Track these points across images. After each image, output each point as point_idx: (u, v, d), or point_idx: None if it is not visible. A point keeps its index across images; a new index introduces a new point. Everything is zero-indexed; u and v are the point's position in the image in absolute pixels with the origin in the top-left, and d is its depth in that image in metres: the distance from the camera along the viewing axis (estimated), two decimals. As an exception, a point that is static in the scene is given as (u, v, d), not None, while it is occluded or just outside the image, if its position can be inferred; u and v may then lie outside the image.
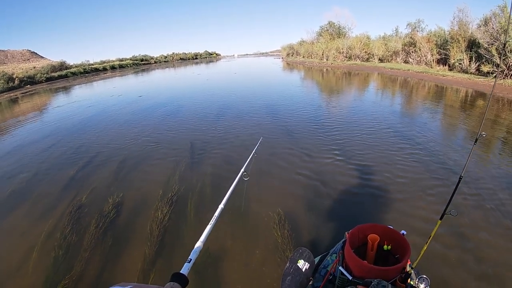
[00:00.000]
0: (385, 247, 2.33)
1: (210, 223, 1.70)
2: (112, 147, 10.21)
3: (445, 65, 25.37)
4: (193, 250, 1.42)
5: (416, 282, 2.12)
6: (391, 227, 2.37)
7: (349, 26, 51.11)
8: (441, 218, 2.56)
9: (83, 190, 7.07)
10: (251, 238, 4.81)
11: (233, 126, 11.34)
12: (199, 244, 1.48)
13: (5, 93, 41.66)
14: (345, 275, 2.20)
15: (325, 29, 52.86)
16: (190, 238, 4.93)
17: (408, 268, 2.17)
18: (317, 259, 3.02)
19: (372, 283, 1.85)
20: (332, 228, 4.85)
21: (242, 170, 2.73)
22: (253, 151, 3.48)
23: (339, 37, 48.25)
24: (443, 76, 21.89)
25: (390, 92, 18.19)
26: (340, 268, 2.28)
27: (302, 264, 2.79)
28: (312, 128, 10.37)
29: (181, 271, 0.98)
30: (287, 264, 2.81)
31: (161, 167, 7.96)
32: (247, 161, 2.97)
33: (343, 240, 2.61)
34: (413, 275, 2.24)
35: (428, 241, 2.59)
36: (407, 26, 35.24)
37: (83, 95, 28.91)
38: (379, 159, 7.36)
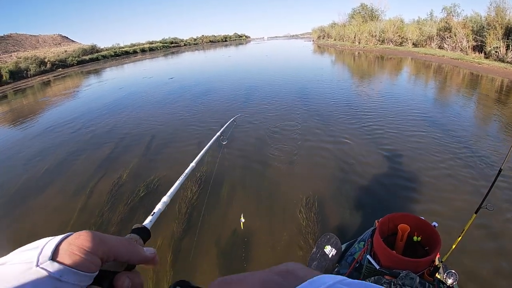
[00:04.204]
0: (415, 238, 2.30)
1: (178, 180, 1.53)
2: (144, 127, 10.46)
3: (481, 53, 24.36)
4: (158, 203, 1.26)
5: (444, 277, 2.09)
6: (423, 218, 2.34)
7: (382, 8, 49.75)
8: (476, 212, 2.50)
9: (115, 169, 7.30)
10: (279, 220, 4.88)
11: (263, 108, 11.34)
12: (166, 198, 1.33)
13: (37, 77, 42.77)
14: (372, 264, 2.20)
15: (358, 11, 51.62)
16: (218, 217, 5.07)
17: (437, 262, 2.14)
18: (344, 246, 3.02)
19: (401, 275, 1.84)
20: (361, 215, 4.84)
21: (218, 133, 2.71)
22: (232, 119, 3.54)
23: (372, 20, 47.10)
24: (479, 64, 21.07)
25: (424, 78, 17.68)
26: (368, 256, 2.27)
27: (329, 250, 2.79)
28: (344, 113, 10.26)
29: (143, 224, 0.87)
30: (314, 249, 2.81)
31: (192, 147, 8.07)
32: (225, 126, 3.00)
33: (373, 228, 2.60)
34: (441, 269, 2.21)
35: (461, 235, 2.54)
36: (442, 10, 33.88)
37: (114, 77, 29.42)
38: (413, 147, 7.23)
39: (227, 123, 3.18)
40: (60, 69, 51.59)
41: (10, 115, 16.72)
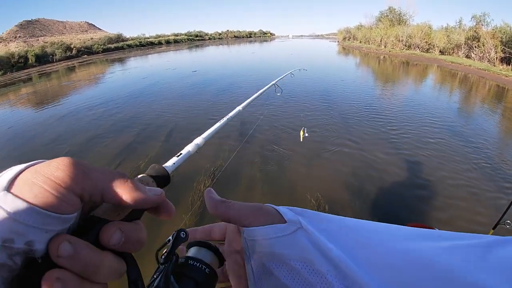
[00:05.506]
0: (429, 249, 2.27)
1: (219, 121, 1.42)
2: (165, 118, 10.54)
3: (509, 65, 23.82)
4: (189, 145, 1.05)
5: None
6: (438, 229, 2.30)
7: (410, 13, 49.16)
8: (494, 228, 2.46)
9: (133, 157, 7.37)
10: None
11: (284, 106, 11.20)
12: (199, 140, 1.12)
13: (62, 62, 43.78)
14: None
15: (385, 14, 51.16)
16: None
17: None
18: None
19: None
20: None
21: (274, 82, 2.60)
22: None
23: (399, 24, 46.55)
24: (506, 77, 20.49)
25: (449, 87, 17.48)
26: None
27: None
28: (364, 116, 10.19)
29: (164, 165, 0.67)
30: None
31: (213, 140, 8.01)
32: (281, 77, 2.91)
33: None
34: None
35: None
36: (471, 18, 33.25)
37: (138, 67, 29.72)
38: (432, 155, 7.14)
39: (284, 75, 3.11)
40: (86, 55, 52.56)
41: (34, 97, 17.09)
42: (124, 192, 0.37)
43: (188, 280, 0.44)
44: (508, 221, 2.34)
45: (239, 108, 1.63)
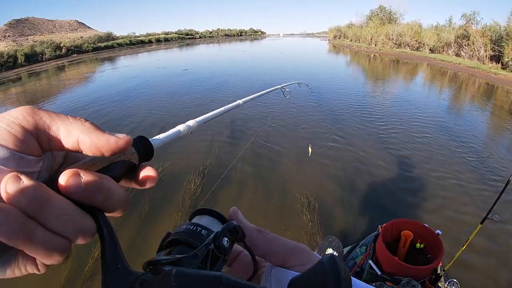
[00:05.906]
0: (417, 245, 2.28)
1: (217, 110, 1.29)
2: (155, 117, 10.48)
3: (498, 63, 23.97)
4: (181, 124, 0.88)
5: (446, 286, 2.07)
6: (426, 225, 2.32)
7: (401, 12, 49.31)
8: (481, 222, 2.47)
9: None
10: (283, 219, 4.86)
11: (273, 105, 11.18)
12: (192, 122, 1.00)
13: (52, 61, 43.35)
14: (374, 270, 2.18)
15: (376, 13, 51.26)
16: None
17: (439, 270, 2.12)
18: (346, 249, 3.00)
19: (402, 282, 1.82)
20: (364, 218, 4.82)
21: (280, 86, 2.60)
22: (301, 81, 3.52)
23: (390, 23, 46.70)
24: (495, 75, 20.68)
25: (439, 85, 17.63)
26: (370, 261, 2.25)
27: (331, 253, 2.76)
28: (353, 113, 10.22)
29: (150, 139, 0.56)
30: (316, 252, 2.78)
31: (203, 140, 8.00)
32: (288, 83, 2.93)
33: (376, 233, 2.57)
34: (443, 278, 2.19)
35: (466, 245, 2.52)
36: (461, 17, 33.51)
37: (128, 66, 29.61)
38: (421, 153, 7.19)
39: (291, 83, 3.12)
40: (75, 54, 52.09)
41: (23, 97, 16.96)
42: (82, 133, 0.35)
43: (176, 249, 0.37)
44: (496, 216, 2.37)
45: (239, 101, 1.54)
